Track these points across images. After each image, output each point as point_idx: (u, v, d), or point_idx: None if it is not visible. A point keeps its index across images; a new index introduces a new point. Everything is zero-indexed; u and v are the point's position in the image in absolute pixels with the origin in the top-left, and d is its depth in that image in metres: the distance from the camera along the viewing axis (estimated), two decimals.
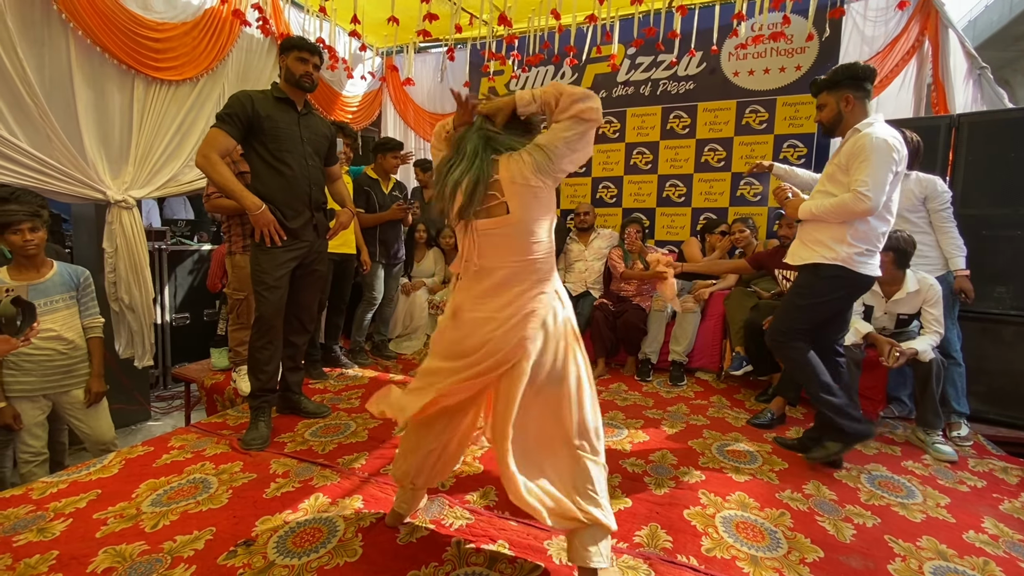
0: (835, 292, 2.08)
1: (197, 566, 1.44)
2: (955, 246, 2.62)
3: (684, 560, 1.52)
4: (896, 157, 1.95)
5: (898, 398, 2.87)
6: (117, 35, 3.02)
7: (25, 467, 2.21)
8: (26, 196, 2.37)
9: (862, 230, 2.01)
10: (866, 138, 1.96)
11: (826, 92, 2.13)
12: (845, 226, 2.01)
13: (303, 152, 2.31)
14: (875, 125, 2.01)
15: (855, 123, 2.06)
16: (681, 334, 3.41)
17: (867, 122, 2.03)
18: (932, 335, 2.43)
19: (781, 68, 3.88)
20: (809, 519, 1.76)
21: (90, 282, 2.39)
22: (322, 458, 2.12)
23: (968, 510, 1.88)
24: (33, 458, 2.20)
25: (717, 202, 4.17)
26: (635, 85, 4.33)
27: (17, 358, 2.11)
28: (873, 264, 2.07)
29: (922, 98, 3.71)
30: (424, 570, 1.45)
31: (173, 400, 3.90)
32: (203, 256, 4.23)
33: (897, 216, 2.56)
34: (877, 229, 2.04)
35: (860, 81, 2.06)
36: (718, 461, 2.18)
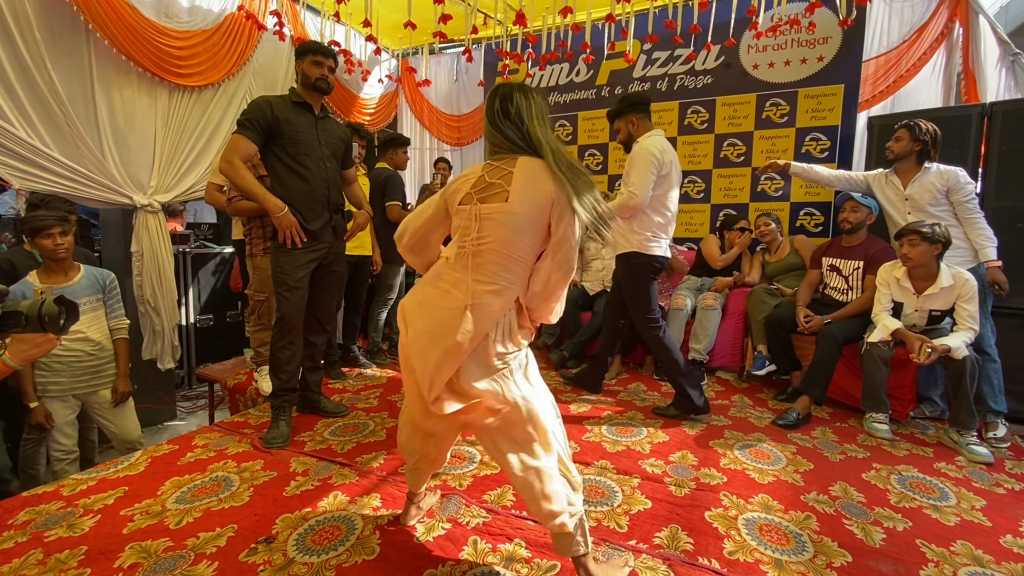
0: (642, 272, 2.56)
1: (219, 563, 1.46)
2: (984, 236, 2.54)
3: (706, 563, 1.49)
4: (655, 162, 2.40)
5: (929, 398, 2.77)
6: (141, 43, 3.10)
7: (57, 464, 2.29)
8: (56, 202, 2.47)
9: (644, 221, 2.51)
10: (636, 148, 2.48)
11: (618, 119, 2.63)
12: (632, 220, 2.51)
13: (321, 155, 2.34)
14: (650, 138, 2.49)
15: (639, 137, 2.54)
16: (701, 333, 3.35)
17: (645, 136, 2.52)
18: (966, 332, 2.34)
19: (803, 60, 3.78)
20: (836, 522, 1.71)
21: (115, 285, 2.47)
22: (341, 457, 2.14)
23: (1005, 513, 1.81)
24: (65, 456, 2.28)
25: (737, 198, 4.09)
26: (651, 80, 4.27)
27: (48, 359, 2.19)
28: (661, 247, 2.56)
29: (952, 87, 3.58)
30: (441, 568, 1.44)
31: (198, 399, 3.99)
32: (226, 259, 4.32)
33: (919, 211, 2.64)
34: (654, 219, 2.52)
35: (639, 105, 2.58)
36: (740, 462, 2.13)
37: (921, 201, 2.66)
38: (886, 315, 2.54)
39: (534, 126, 1.32)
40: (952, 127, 3.00)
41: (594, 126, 4.51)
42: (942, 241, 2.36)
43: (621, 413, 2.67)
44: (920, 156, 2.69)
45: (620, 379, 3.31)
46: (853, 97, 3.67)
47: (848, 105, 3.68)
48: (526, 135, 1.32)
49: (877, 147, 3.28)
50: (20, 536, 1.58)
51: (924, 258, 2.38)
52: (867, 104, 3.79)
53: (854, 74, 3.66)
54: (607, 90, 4.42)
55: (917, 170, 2.70)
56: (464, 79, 5.21)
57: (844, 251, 2.90)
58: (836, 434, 2.47)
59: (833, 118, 3.73)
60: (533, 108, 1.34)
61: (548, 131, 1.34)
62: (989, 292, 2.58)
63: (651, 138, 2.49)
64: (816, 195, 3.81)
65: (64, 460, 2.29)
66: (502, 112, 1.35)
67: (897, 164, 2.77)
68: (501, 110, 1.35)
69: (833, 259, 2.95)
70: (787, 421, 2.54)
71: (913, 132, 2.68)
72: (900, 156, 2.73)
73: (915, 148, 2.68)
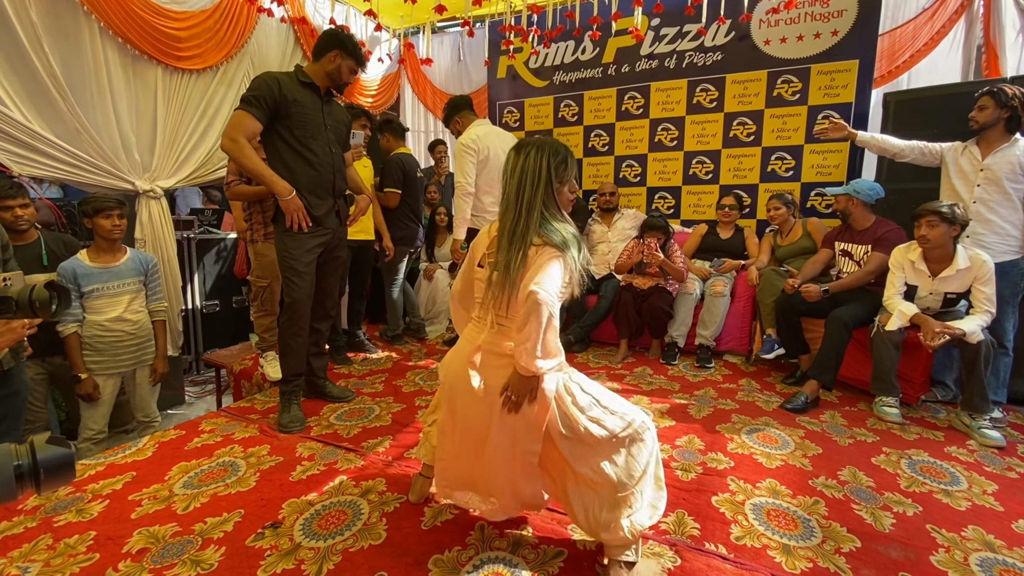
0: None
1: (227, 548, 1.47)
2: None
3: (712, 548, 1.48)
4: (471, 150, 2.90)
5: (942, 382, 2.74)
6: (138, 25, 3.04)
7: (84, 443, 2.38)
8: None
9: (478, 205, 3.01)
10: (456, 145, 2.95)
11: (449, 125, 3.15)
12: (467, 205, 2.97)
13: (327, 139, 2.29)
14: (468, 131, 2.98)
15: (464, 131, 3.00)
16: (709, 318, 3.31)
17: (467, 129, 3.00)
18: (983, 315, 2.28)
19: (816, 34, 3.66)
20: (845, 507, 1.69)
21: (157, 269, 2.63)
22: (347, 442, 2.14)
23: (1018, 498, 1.78)
24: (96, 435, 2.39)
25: (747, 178, 4.00)
26: (659, 58, 4.16)
27: (92, 340, 2.35)
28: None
29: (971, 61, 3.46)
30: (448, 554, 1.44)
31: (206, 385, 4.01)
32: (231, 244, 4.30)
33: (992, 183, 2.48)
34: (484, 201, 3.02)
35: (456, 108, 3.12)
36: (748, 446, 2.11)
37: (999, 173, 2.45)
38: (900, 299, 2.49)
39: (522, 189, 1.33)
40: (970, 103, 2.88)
41: (600, 105, 4.42)
42: (961, 223, 2.30)
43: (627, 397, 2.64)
44: (1009, 124, 2.47)
45: (627, 363, 3.29)
46: (868, 73, 3.55)
47: (863, 81, 3.56)
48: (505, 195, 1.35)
49: (893, 125, 3.18)
50: (30, 521, 1.59)
51: (942, 239, 2.31)
52: (882, 80, 3.68)
53: (869, 49, 3.54)
54: (613, 68, 4.32)
55: (1004, 140, 2.47)
56: (467, 58, 5.11)
57: (855, 235, 2.84)
58: (845, 418, 2.45)
59: (847, 95, 3.62)
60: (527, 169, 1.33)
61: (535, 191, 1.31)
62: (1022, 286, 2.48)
63: (472, 129, 2.98)
64: (828, 175, 3.72)
65: (92, 439, 2.39)
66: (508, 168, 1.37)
67: (981, 134, 2.56)
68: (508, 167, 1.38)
69: (845, 244, 2.89)
70: (795, 405, 2.51)
71: (999, 99, 2.46)
72: (986, 125, 2.51)
73: (1003, 115, 2.46)
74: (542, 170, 1.31)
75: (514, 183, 1.32)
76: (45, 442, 0.56)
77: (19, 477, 0.54)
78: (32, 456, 0.55)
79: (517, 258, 1.26)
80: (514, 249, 1.27)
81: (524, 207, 1.29)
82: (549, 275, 1.22)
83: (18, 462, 0.54)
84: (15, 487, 0.54)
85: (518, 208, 1.29)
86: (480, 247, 1.44)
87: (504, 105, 4.82)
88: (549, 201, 1.32)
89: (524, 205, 1.29)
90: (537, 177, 1.30)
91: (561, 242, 1.27)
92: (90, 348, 2.35)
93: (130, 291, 2.45)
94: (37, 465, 0.55)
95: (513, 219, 1.30)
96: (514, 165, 1.34)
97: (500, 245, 1.31)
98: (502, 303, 1.29)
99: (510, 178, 1.33)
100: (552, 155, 1.32)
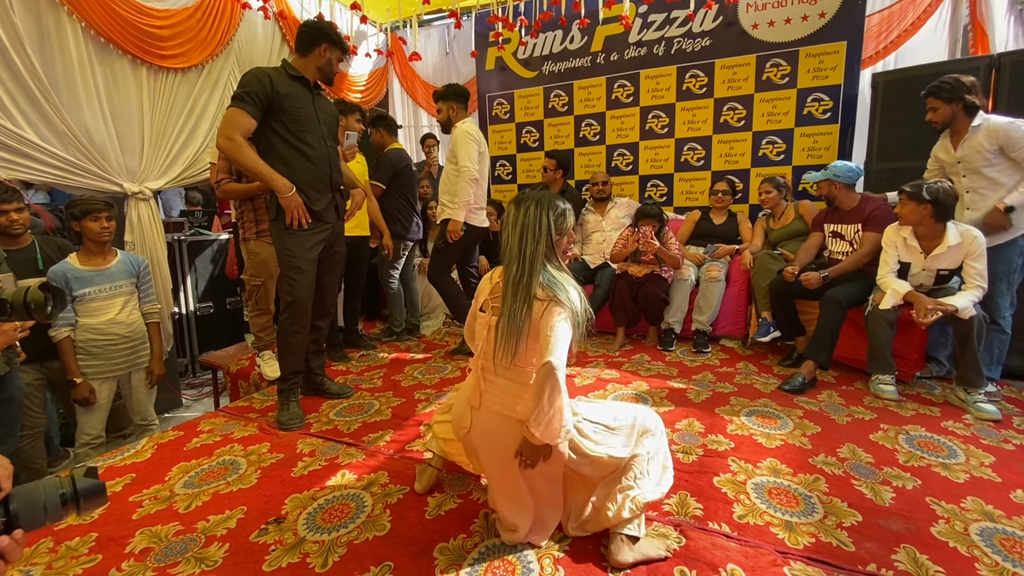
0: (466, 238, 3.09)
1: (230, 544, 1.46)
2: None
3: (716, 527, 1.49)
4: (475, 141, 2.99)
5: (936, 358, 2.76)
6: (120, 24, 3.00)
7: (82, 448, 2.36)
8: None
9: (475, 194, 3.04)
10: (459, 132, 3.00)
11: (443, 101, 3.06)
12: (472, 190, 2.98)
13: (321, 132, 2.27)
14: (465, 123, 3.03)
15: (456, 123, 3.04)
16: (705, 303, 3.33)
17: (462, 121, 3.04)
18: (974, 290, 2.30)
19: (803, 17, 3.66)
20: (845, 483, 1.71)
21: (149, 270, 2.60)
22: (347, 437, 2.14)
23: (1015, 468, 1.80)
24: (93, 440, 2.37)
25: (738, 164, 4.01)
26: (648, 45, 4.15)
27: (85, 344, 2.32)
28: (482, 218, 3.20)
29: (958, 39, 3.48)
30: (452, 542, 1.44)
31: (203, 387, 3.99)
32: (222, 246, 4.27)
33: (974, 174, 2.45)
34: (479, 192, 3.12)
35: (462, 98, 3.08)
36: (747, 428, 2.12)
37: (973, 163, 2.41)
38: (893, 277, 2.50)
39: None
40: None
41: (590, 95, 4.40)
42: (931, 200, 2.28)
43: (626, 384, 2.66)
44: (968, 111, 2.42)
45: (624, 350, 3.29)
46: (856, 54, 3.56)
47: (851, 63, 3.58)
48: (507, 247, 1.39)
49: (882, 106, 3.20)
50: None
51: (914, 217, 2.33)
52: (870, 61, 3.69)
53: (857, 30, 3.55)
54: (602, 57, 4.30)
55: (968, 128, 2.42)
56: (455, 51, 5.08)
57: (844, 216, 2.86)
58: (842, 397, 2.47)
59: (835, 77, 3.63)
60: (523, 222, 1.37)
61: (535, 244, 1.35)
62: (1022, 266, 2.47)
63: (470, 123, 3.05)
64: (819, 157, 3.73)
65: (90, 444, 2.37)
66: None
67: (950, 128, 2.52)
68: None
69: (834, 225, 2.90)
70: (792, 386, 2.53)
71: (940, 94, 2.43)
72: (948, 123, 2.49)
73: (956, 109, 2.43)
74: (542, 223, 1.35)
75: (516, 235, 1.36)
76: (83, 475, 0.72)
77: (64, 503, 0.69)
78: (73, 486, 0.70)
79: (522, 309, 1.30)
80: (519, 300, 1.31)
81: (527, 259, 1.33)
82: (561, 342, 1.25)
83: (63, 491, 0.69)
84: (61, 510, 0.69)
85: (521, 260, 1.33)
86: (482, 294, 1.48)
87: (494, 97, 4.80)
88: (550, 252, 1.37)
89: (527, 257, 1.33)
90: (538, 230, 1.34)
91: (567, 299, 1.31)
92: (84, 352, 2.33)
93: (123, 294, 2.43)
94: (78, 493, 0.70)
95: (517, 270, 1.33)
96: (515, 218, 1.38)
97: (505, 295, 1.34)
98: (507, 351, 1.31)
99: (512, 230, 1.37)
100: (551, 208, 1.37)
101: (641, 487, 1.34)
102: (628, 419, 1.38)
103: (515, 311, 1.30)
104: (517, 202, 1.40)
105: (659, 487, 1.38)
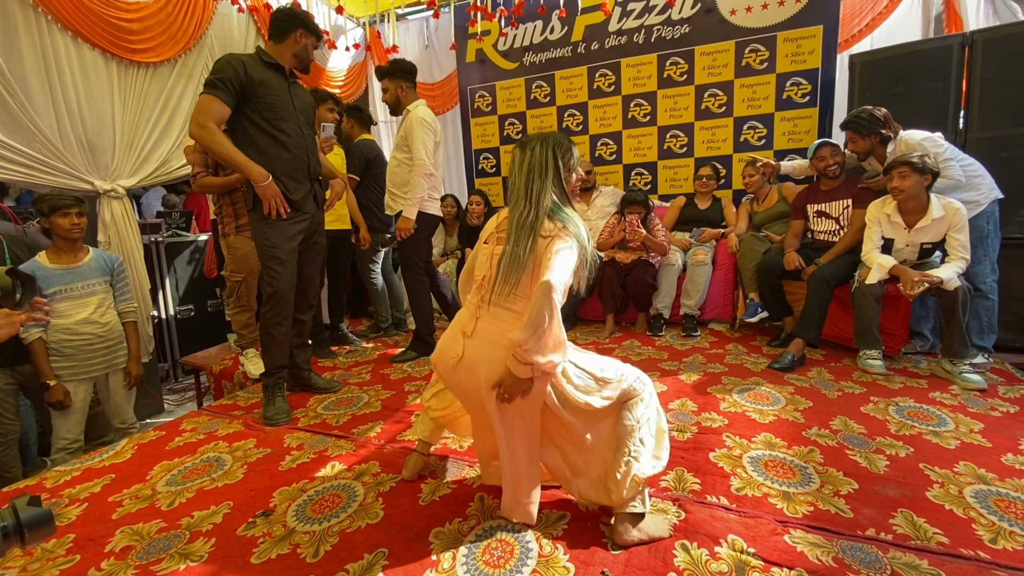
0: (422, 231, 2.83)
1: (217, 539, 1.41)
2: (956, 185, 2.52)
3: (714, 500, 1.47)
4: (432, 130, 2.70)
5: (920, 332, 2.80)
6: (88, 18, 2.89)
7: (58, 454, 2.27)
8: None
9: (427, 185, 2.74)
10: (414, 118, 2.68)
11: (388, 79, 2.74)
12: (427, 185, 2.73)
13: (298, 120, 2.22)
14: (419, 108, 2.73)
15: (407, 105, 2.76)
16: (692, 288, 3.33)
17: (415, 104, 2.75)
18: (958, 261, 2.33)
19: (780, 2, 3.69)
20: (839, 453, 1.71)
21: (124, 268, 2.52)
22: (336, 430, 2.08)
23: (1004, 434, 1.82)
24: (70, 445, 2.27)
25: (720, 149, 4.03)
26: (628, 34, 4.15)
27: (58, 344, 2.23)
28: (436, 206, 2.91)
29: (931, 20, 3.53)
30: (448, 526, 1.41)
31: (185, 392, 3.88)
32: (200, 246, 4.17)
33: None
34: (435, 183, 2.84)
35: (410, 75, 2.77)
36: (740, 405, 2.12)
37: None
38: (878, 253, 2.52)
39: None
40: (933, 59, 2.96)
41: (572, 85, 4.39)
42: (932, 171, 2.34)
43: None
44: (884, 141, 2.62)
45: (614, 337, 3.28)
46: (832, 38, 3.60)
47: (828, 46, 3.61)
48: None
49: (860, 87, 3.23)
50: None
51: (915, 189, 2.35)
52: (847, 44, 3.73)
53: (832, 14, 3.59)
54: (583, 46, 4.29)
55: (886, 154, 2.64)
56: (435, 44, 5.03)
57: (828, 194, 2.88)
58: (832, 373, 2.48)
59: (813, 61, 3.66)
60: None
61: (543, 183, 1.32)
62: (995, 232, 2.55)
63: (424, 109, 2.75)
64: (799, 141, 3.76)
65: (67, 449, 2.27)
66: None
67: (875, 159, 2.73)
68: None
69: (819, 204, 2.92)
70: (783, 364, 2.54)
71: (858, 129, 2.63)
72: (868, 152, 2.71)
73: (873, 141, 2.64)
74: (548, 160, 1.33)
75: (522, 176, 1.33)
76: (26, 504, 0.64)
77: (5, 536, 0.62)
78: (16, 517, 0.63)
79: (527, 243, 1.27)
80: (524, 237, 1.28)
81: (534, 197, 1.31)
82: (562, 264, 1.22)
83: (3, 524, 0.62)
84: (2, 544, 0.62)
85: (528, 198, 1.31)
86: (488, 230, 1.45)
87: (475, 89, 4.76)
88: (559, 189, 1.34)
89: (534, 195, 1.31)
90: (544, 168, 1.32)
91: (575, 230, 1.28)
92: (58, 354, 2.24)
93: (96, 292, 2.34)
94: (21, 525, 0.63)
95: (524, 208, 1.31)
96: (520, 161, 1.35)
97: (510, 233, 1.31)
98: (508, 282, 1.28)
99: (517, 174, 1.35)
100: (556, 145, 1.35)
101: (641, 460, 1.31)
102: (614, 374, 1.35)
103: (519, 247, 1.27)
104: (522, 145, 1.38)
105: (659, 460, 1.35)
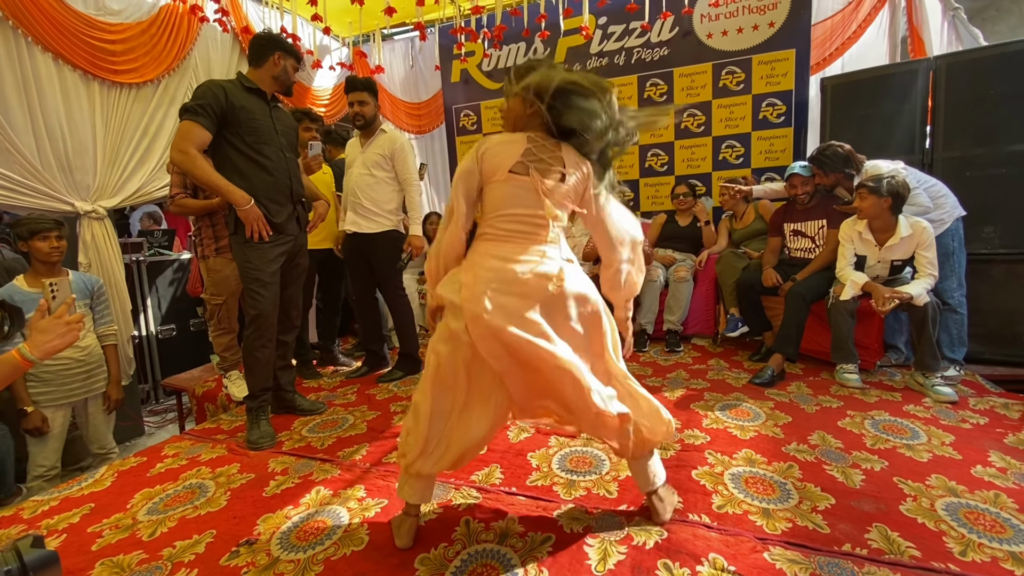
0: (399, 250, 2.92)
1: (199, 569, 1.39)
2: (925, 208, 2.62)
3: (696, 518, 1.50)
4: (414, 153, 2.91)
5: (894, 346, 2.88)
6: (69, 39, 2.90)
7: (35, 482, 2.22)
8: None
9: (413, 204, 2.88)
10: (401, 143, 2.83)
11: (368, 92, 2.80)
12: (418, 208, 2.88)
13: (279, 144, 2.24)
14: (395, 129, 2.94)
15: (380, 125, 2.87)
16: (675, 303, 3.39)
17: (386, 123, 2.92)
18: (926, 278, 2.42)
19: (754, 26, 3.83)
20: (817, 469, 1.75)
21: (104, 291, 2.49)
22: (321, 453, 2.07)
23: (974, 446, 1.88)
24: (47, 472, 2.23)
25: (700, 167, 4.13)
26: (609, 55, 4.26)
27: (36, 369, 2.18)
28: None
29: (897, 44, 3.69)
30: (434, 552, 1.41)
31: (166, 414, 3.81)
32: (183, 265, 4.13)
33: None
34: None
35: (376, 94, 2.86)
36: (722, 421, 2.16)
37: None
38: (851, 270, 2.60)
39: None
40: (900, 83, 3.09)
41: None
42: (891, 194, 2.41)
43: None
44: (848, 177, 2.73)
45: None
46: (805, 61, 3.74)
47: (801, 69, 3.75)
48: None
49: (831, 108, 3.35)
50: None
51: (874, 210, 2.44)
52: (819, 67, 3.87)
53: (804, 38, 3.73)
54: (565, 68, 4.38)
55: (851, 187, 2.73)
56: (420, 64, 5.10)
57: (804, 214, 2.97)
58: (810, 387, 2.54)
59: (787, 83, 3.79)
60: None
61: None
62: (960, 248, 2.65)
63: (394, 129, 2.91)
64: (776, 160, 3.88)
65: (45, 476, 2.23)
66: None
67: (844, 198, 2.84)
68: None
69: (795, 224, 3.01)
70: (763, 379, 2.59)
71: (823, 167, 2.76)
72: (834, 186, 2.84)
73: (838, 177, 2.76)
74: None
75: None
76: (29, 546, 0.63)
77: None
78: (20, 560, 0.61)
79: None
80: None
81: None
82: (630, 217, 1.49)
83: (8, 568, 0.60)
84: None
85: None
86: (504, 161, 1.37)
87: (460, 109, 4.83)
88: None
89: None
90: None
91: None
92: (35, 379, 2.20)
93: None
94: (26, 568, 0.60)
95: None
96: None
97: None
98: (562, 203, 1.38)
99: None
100: None
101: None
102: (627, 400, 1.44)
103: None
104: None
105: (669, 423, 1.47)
